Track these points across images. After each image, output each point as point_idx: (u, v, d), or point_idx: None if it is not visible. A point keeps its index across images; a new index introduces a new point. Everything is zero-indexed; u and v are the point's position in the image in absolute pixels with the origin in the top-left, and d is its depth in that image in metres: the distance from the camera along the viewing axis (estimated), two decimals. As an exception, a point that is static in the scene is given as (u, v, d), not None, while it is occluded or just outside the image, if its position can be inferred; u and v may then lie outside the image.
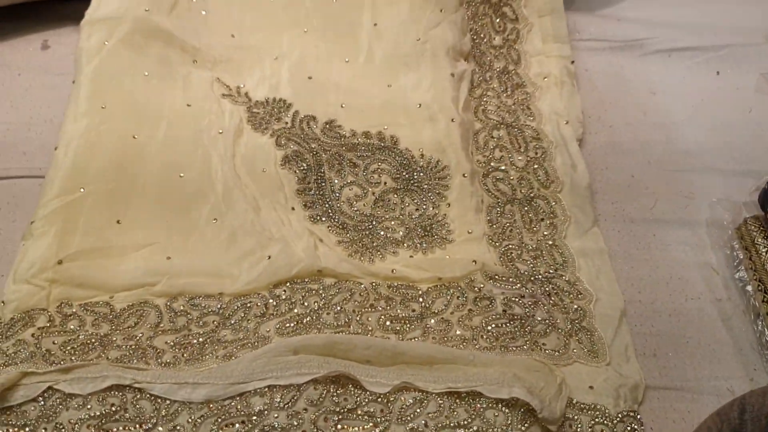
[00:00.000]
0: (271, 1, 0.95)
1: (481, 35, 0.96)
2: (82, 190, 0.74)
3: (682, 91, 0.96)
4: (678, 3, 1.10)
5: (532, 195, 0.81)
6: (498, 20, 0.98)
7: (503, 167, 0.83)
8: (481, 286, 0.71)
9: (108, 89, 0.82)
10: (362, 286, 0.71)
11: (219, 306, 0.69)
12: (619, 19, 1.06)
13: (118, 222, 0.73)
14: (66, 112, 0.81)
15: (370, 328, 0.68)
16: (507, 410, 0.59)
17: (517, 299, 0.70)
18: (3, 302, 0.67)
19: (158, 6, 0.89)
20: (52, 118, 0.88)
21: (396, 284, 0.72)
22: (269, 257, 0.72)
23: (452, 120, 0.83)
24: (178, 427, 0.58)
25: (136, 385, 0.60)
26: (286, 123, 0.84)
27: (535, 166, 0.83)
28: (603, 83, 0.97)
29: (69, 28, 0.99)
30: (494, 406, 0.60)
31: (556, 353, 0.66)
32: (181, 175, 0.77)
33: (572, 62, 0.94)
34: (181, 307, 0.69)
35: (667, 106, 0.94)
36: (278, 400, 0.59)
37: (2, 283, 0.70)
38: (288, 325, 0.67)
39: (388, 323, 0.68)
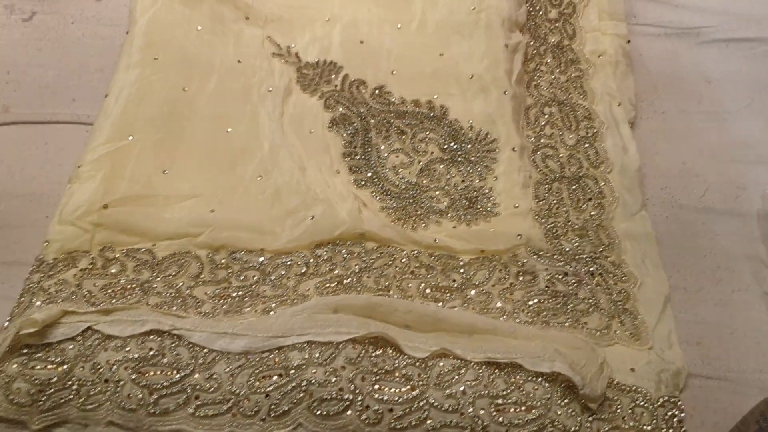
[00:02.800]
0: (325, -37, 0.94)
1: (537, 7, 0.95)
2: (130, 137, 0.74)
3: (739, 81, 0.93)
4: (737, -8, 1.07)
5: (581, 174, 0.79)
6: (555, -7, 0.96)
7: (553, 144, 0.82)
8: (525, 260, 0.70)
9: (161, 41, 0.82)
10: (404, 252, 0.71)
11: (260, 261, 0.69)
12: (677, 5, 1.04)
13: (164, 172, 0.73)
14: (119, 61, 0.82)
15: (410, 295, 0.67)
16: (547, 384, 0.59)
17: (560, 276, 0.69)
18: (47, 242, 0.68)
19: (213, -39, 0.88)
20: (102, 68, 0.88)
21: (438, 254, 0.71)
22: (312, 217, 0.72)
23: (504, 92, 0.82)
24: (215, 376, 0.58)
25: (175, 332, 0.60)
26: (336, 86, 0.83)
27: (586, 146, 0.81)
28: (657, 69, 0.94)
29: (123, -20, 1.00)
30: (533, 379, 0.59)
31: (598, 333, 0.65)
32: (229, 130, 0.77)
33: (628, 41, 0.92)
34: (223, 260, 0.69)
35: (722, 96, 0.92)
36: (317, 356, 0.59)
37: (47, 224, 0.70)
38: (328, 285, 0.67)
39: (428, 291, 0.67)
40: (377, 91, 0.83)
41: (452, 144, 0.80)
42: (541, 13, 0.94)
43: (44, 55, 0.90)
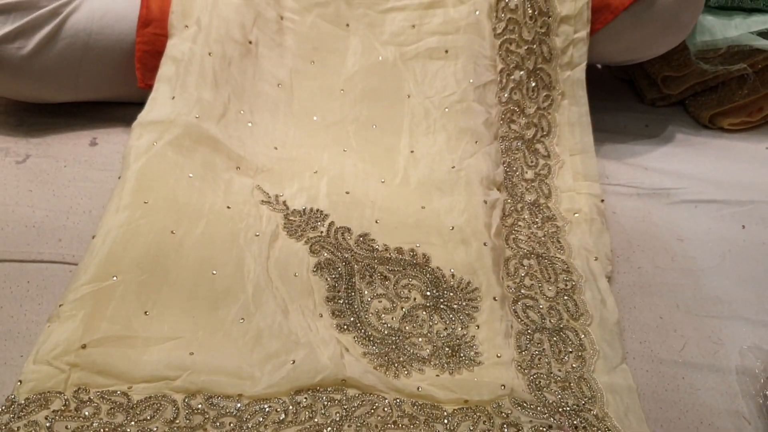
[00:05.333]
0: (315, 120, 0.99)
1: (514, 168, 1.00)
2: (114, 278, 0.74)
3: (709, 240, 0.97)
4: (702, 159, 1.15)
5: (561, 325, 0.80)
6: (530, 156, 1.01)
7: (533, 295, 0.83)
8: (509, 412, 0.69)
9: (152, 186, 0.84)
10: (386, 401, 0.69)
11: (237, 408, 0.67)
12: (647, 168, 1.10)
13: (145, 313, 0.73)
14: (108, 204, 0.83)
15: (391, 445, 0.65)
16: None
17: (545, 429, 0.68)
18: (20, 381, 0.65)
19: (208, 114, 0.92)
20: (91, 210, 0.90)
21: (421, 402, 0.70)
22: (293, 362, 0.71)
23: (484, 244, 0.84)
24: None
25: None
26: (321, 232, 0.85)
27: (565, 298, 0.83)
28: (631, 226, 0.98)
29: (118, 129, 1.04)
30: None
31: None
32: (214, 272, 0.77)
33: (602, 201, 0.96)
34: (199, 405, 0.67)
35: (695, 254, 0.95)
36: None
37: (22, 363, 0.68)
38: (307, 434, 0.65)
39: (410, 442, 0.66)
40: (362, 238, 0.85)
41: (434, 291, 0.81)
42: (518, 173, 0.99)
43: (34, 197, 0.92)
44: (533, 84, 1.04)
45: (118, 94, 1.07)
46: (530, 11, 1.04)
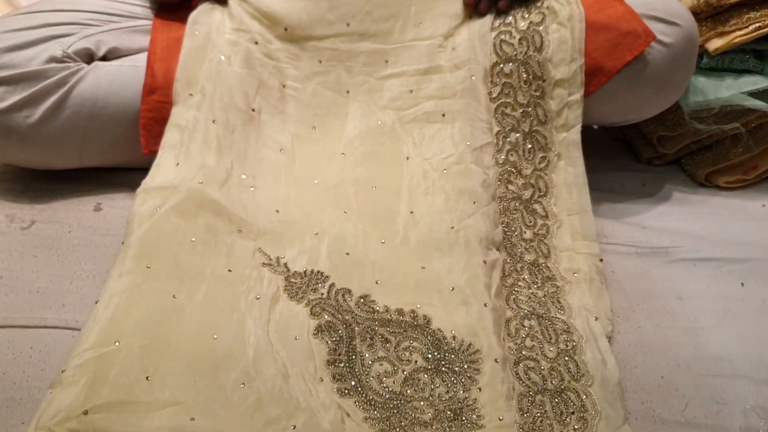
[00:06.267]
0: (316, 183, 1.01)
1: (513, 228, 1.01)
2: (117, 343, 0.74)
3: (709, 298, 0.98)
4: (699, 217, 1.16)
5: (562, 387, 0.80)
6: (528, 216, 1.03)
7: (534, 356, 0.83)
8: (511, 476, 0.68)
9: (155, 251, 0.85)
10: (387, 466, 0.69)
11: (237, 475, 0.67)
12: (644, 227, 1.11)
13: (147, 378, 0.73)
14: (112, 269, 0.84)
15: None
16: None
17: (548, 493, 0.67)
18: (20, 449, 0.66)
19: (211, 179, 0.94)
20: (95, 275, 0.91)
21: (422, 467, 0.69)
22: (294, 427, 0.70)
23: (485, 305, 0.85)
24: None
25: None
26: (322, 294, 0.86)
27: (566, 358, 0.83)
28: (630, 285, 0.99)
29: (122, 194, 1.06)
30: None
31: None
32: (215, 336, 0.78)
33: (601, 260, 0.97)
34: (200, 472, 0.66)
35: (695, 312, 0.95)
36: None
37: (23, 430, 0.68)
38: (308, 501, 0.64)
39: None
40: (362, 300, 0.86)
41: (436, 353, 0.81)
42: (516, 233, 1.00)
43: (39, 262, 0.93)
44: (529, 146, 1.06)
45: (123, 160, 1.09)
46: (525, 75, 1.07)
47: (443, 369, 0.79)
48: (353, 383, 0.77)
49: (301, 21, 1.08)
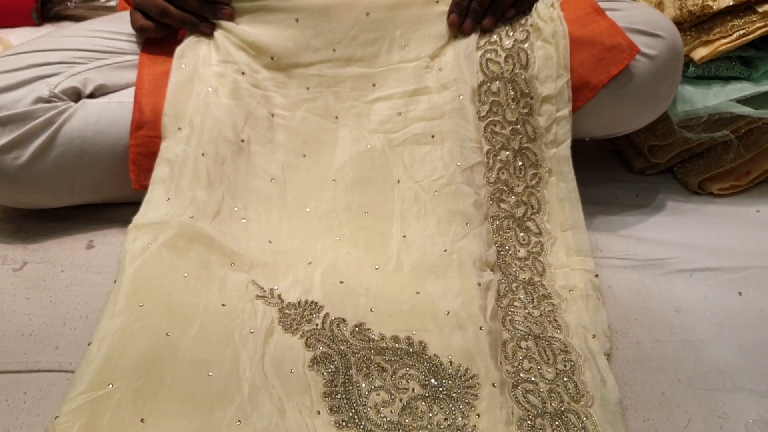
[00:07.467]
0: (308, 212, 1.01)
1: (506, 247, 1.00)
2: (110, 386, 0.74)
3: (707, 309, 0.97)
4: (694, 226, 1.15)
5: (562, 409, 0.79)
6: (522, 234, 1.02)
7: (533, 378, 0.82)
8: (513, 504, 0.67)
9: (147, 289, 0.84)
10: (387, 499, 0.68)
11: None
12: (639, 239, 1.11)
13: (142, 420, 0.72)
14: (104, 309, 0.83)
15: None
16: None
17: None
18: (15, 500, 0.65)
19: (202, 213, 0.94)
20: (88, 314, 0.90)
21: (423, 499, 0.68)
22: (292, 464, 0.70)
23: (480, 328, 0.84)
24: None
25: None
26: (317, 324, 0.85)
27: (565, 379, 0.82)
28: (627, 300, 0.98)
29: (114, 230, 1.06)
30: None
31: None
32: (210, 373, 0.77)
33: (596, 276, 0.96)
34: None
35: (693, 324, 0.95)
36: None
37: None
38: None
39: None
40: (357, 329, 0.85)
41: (432, 380, 0.80)
42: (510, 252, 1.00)
43: (31, 304, 0.92)
44: (520, 163, 1.06)
45: (114, 195, 1.09)
46: (512, 93, 1.07)
47: (441, 396, 0.79)
48: (350, 414, 0.77)
49: (287, 49, 1.09)
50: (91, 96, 1.06)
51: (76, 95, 1.04)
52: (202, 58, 1.07)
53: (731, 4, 1.12)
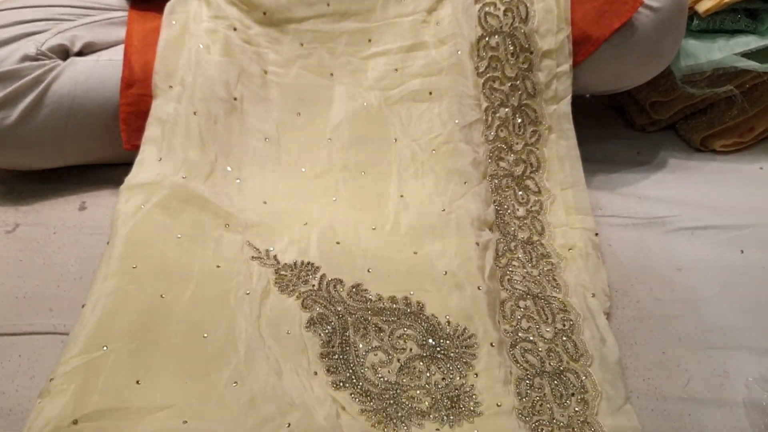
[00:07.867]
0: (303, 172, 0.99)
1: (505, 206, 0.99)
2: (105, 348, 0.73)
3: (708, 268, 0.96)
4: (696, 184, 1.13)
5: (561, 368, 0.79)
6: (521, 192, 1.01)
7: (531, 338, 0.82)
8: (512, 463, 0.67)
9: (140, 250, 0.83)
10: (385, 459, 0.68)
11: (233, 476, 0.66)
12: (640, 197, 1.09)
13: (137, 382, 0.71)
14: (97, 271, 0.82)
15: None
16: None
17: (549, 479, 0.66)
18: (11, 463, 0.65)
19: (195, 173, 0.92)
20: (81, 276, 0.89)
21: (421, 459, 0.68)
22: (289, 425, 0.69)
23: (478, 288, 0.83)
24: None
25: None
26: (313, 285, 0.84)
27: (564, 339, 0.82)
28: (628, 258, 0.97)
29: (107, 191, 1.04)
30: None
31: None
32: (205, 335, 0.76)
33: (596, 234, 0.95)
34: (195, 476, 0.65)
35: (694, 283, 0.94)
36: None
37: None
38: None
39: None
40: (354, 289, 0.84)
41: (430, 340, 0.79)
42: (509, 211, 0.99)
43: (24, 266, 0.91)
44: (519, 120, 1.04)
45: (106, 156, 1.07)
46: (511, 48, 1.04)
47: (439, 356, 0.78)
48: (348, 375, 0.76)
49: (279, 3, 1.06)
50: (80, 54, 1.03)
51: (63, 53, 1.01)
52: (193, 14, 1.04)
53: (738, -46, 1.08)
